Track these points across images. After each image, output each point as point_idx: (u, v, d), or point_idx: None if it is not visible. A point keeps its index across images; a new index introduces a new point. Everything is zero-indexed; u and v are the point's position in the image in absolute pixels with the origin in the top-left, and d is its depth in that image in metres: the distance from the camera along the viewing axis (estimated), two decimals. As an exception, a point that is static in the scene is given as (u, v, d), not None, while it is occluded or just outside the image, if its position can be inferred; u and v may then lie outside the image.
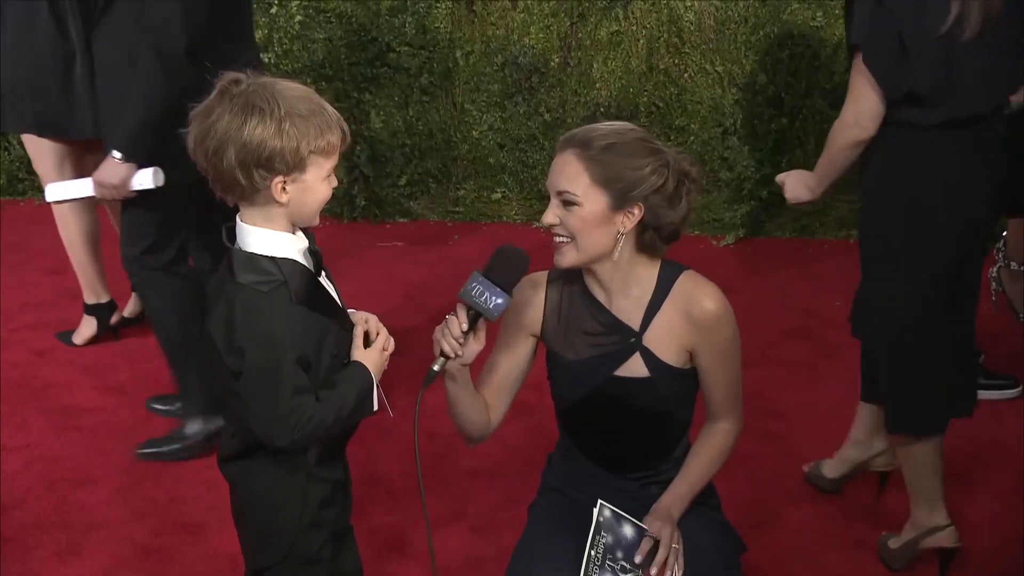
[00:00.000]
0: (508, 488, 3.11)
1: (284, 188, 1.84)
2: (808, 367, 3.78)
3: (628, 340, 2.15)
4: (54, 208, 3.76)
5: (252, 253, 1.86)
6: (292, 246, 1.89)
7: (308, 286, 1.88)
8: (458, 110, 4.95)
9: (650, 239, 2.12)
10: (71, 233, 3.81)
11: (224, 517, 2.96)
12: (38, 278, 4.24)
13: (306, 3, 4.87)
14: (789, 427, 3.43)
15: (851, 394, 3.61)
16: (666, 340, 2.14)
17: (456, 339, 2.00)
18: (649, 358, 2.14)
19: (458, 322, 2.00)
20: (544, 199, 4.96)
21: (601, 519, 2.07)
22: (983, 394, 3.54)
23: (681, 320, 2.13)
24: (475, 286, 1.99)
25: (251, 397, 1.86)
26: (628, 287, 2.15)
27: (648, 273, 2.15)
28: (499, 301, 1.98)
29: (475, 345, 2.03)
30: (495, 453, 3.22)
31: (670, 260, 2.18)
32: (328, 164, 1.88)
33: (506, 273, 2.02)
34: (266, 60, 4.88)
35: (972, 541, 2.92)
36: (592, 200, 2.05)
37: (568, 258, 2.12)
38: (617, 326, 2.16)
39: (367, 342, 2.00)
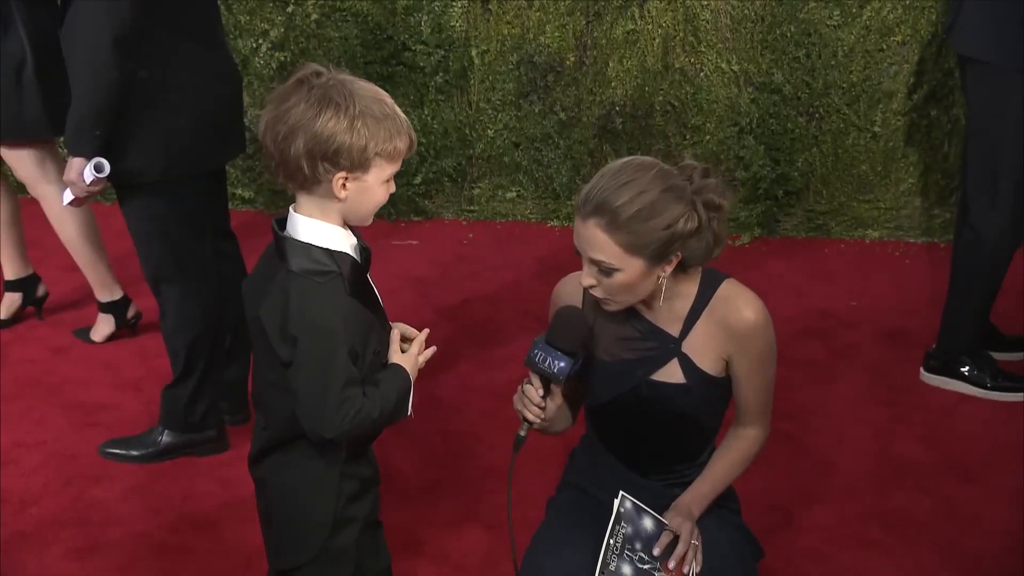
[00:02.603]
0: (523, 486, 3.09)
1: (345, 185, 1.87)
2: (823, 368, 3.77)
3: (668, 346, 2.14)
4: (48, 214, 3.78)
5: (307, 243, 1.89)
6: (345, 240, 1.92)
7: (359, 280, 1.91)
8: (473, 109, 4.95)
9: (687, 265, 2.11)
10: (70, 233, 3.80)
11: (239, 514, 2.99)
12: (55, 275, 4.26)
13: (322, 1, 4.87)
14: (803, 428, 3.42)
15: (867, 395, 3.61)
16: (704, 348, 2.13)
17: (538, 406, 2.06)
18: (687, 365, 2.13)
19: (535, 390, 2.06)
20: (557, 198, 4.97)
21: (622, 510, 2.07)
22: (995, 395, 3.54)
23: (720, 328, 2.12)
24: (537, 352, 2.04)
25: (302, 387, 1.88)
26: (669, 299, 2.13)
27: (689, 284, 2.14)
28: (562, 365, 2.02)
29: (553, 405, 2.08)
30: (510, 452, 3.22)
31: (711, 268, 2.16)
32: (390, 168, 1.90)
33: (566, 336, 2.04)
34: (282, 58, 4.89)
35: (987, 543, 2.91)
36: (629, 266, 2.00)
37: (615, 307, 2.10)
38: (655, 332, 2.15)
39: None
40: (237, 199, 5.06)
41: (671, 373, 2.14)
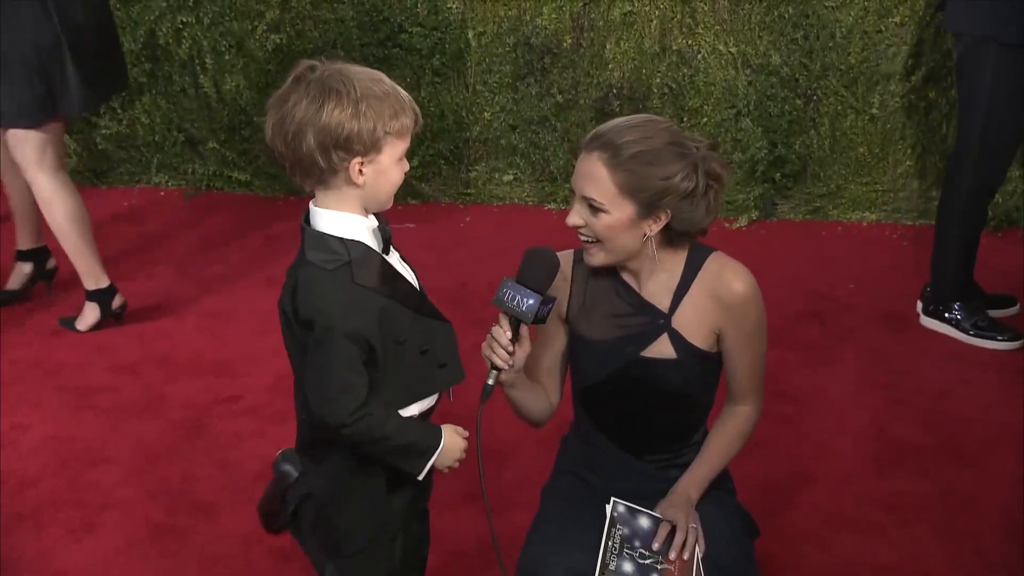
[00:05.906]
0: (522, 469, 3.11)
1: (361, 170, 1.88)
2: (821, 350, 3.77)
3: (657, 321, 2.14)
4: (38, 199, 3.74)
5: (323, 232, 1.90)
6: (361, 226, 1.93)
7: (374, 267, 1.91)
8: (470, 91, 4.93)
9: (676, 237, 2.11)
10: (59, 220, 3.73)
11: (238, 497, 2.99)
12: (56, 258, 4.24)
13: (318, -17, 4.85)
14: (802, 410, 3.42)
15: (865, 377, 3.61)
16: (695, 322, 2.13)
17: (505, 348, 2.01)
18: (677, 340, 2.14)
19: (503, 331, 2.01)
20: (555, 181, 4.95)
21: (615, 515, 2.07)
22: (976, 341, 3.74)
23: (710, 302, 2.13)
24: (506, 291, 2.00)
25: (309, 370, 1.90)
26: (657, 273, 2.14)
27: (676, 257, 2.14)
28: (531, 302, 1.98)
29: (521, 351, 2.04)
30: (508, 435, 3.22)
31: (698, 243, 2.17)
32: (401, 146, 1.91)
33: (536, 274, 2.01)
34: (278, 40, 4.86)
35: (985, 525, 2.92)
36: (618, 208, 2.03)
37: (597, 259, 2.11)
38: (645, 307, 2.15)
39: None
40: (234, 182, 5.04)
41: (661, 349, 2.15)
